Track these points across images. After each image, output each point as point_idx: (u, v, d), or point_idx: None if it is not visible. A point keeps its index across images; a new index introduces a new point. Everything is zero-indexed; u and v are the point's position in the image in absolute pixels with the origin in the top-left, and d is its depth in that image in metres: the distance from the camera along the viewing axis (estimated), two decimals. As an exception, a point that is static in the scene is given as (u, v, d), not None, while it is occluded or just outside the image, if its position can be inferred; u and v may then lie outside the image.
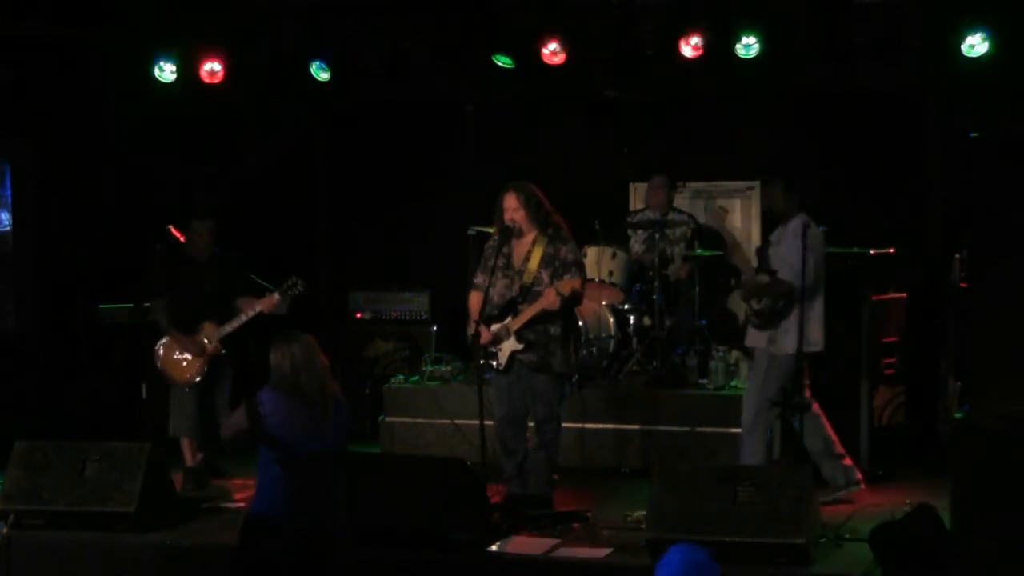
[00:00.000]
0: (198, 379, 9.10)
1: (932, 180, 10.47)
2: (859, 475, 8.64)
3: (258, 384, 6.76)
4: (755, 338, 8.57)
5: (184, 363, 9.13)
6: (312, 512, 6.48)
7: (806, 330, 8.38)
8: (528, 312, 8.11)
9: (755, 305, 8.50)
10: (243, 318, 9.08)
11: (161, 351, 9.17)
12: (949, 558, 6.69)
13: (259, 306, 9.08)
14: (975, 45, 9.30)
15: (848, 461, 8.63)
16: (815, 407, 8.57)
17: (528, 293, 8.17)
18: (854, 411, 9.23)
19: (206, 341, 9.09)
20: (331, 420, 6.53)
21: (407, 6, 10.23)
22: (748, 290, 8.66)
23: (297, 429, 6.48)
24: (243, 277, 9.34)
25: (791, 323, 8.35)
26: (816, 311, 8.45)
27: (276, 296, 9.07)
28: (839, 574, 7.04)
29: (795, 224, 8.43)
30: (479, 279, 8.36)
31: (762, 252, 8.74)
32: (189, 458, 9.24)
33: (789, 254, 8.37)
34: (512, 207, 8.20)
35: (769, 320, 8.41)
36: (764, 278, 8.50)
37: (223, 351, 9.13)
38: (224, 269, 9.26)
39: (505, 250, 8.27)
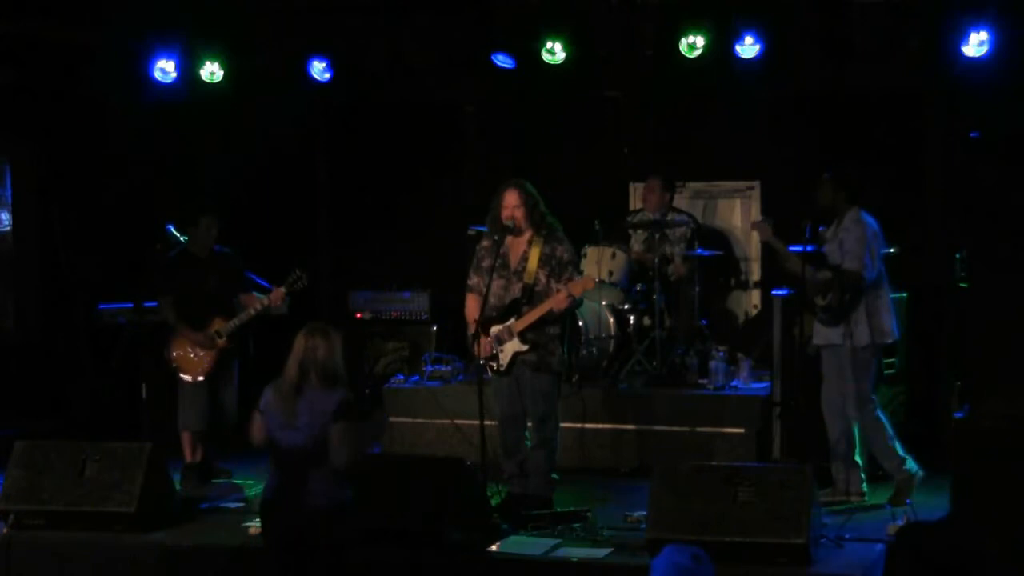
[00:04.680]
0: (209, 373, 9.16)
1: (932, 180, 10.46)
2: (864, 489, 8.62)
3: (259, 380, 6.83)
4: (827, 335, 8.49)
5: (195, 358, 9.19)
6: (290, 504, 6.50)
7: (877, 320, 8.40)
8: (535, 313, 8.10)
9: (821, 302, 8.45)
10: (251, 312, 9.21)
11: (172, 346, 9.22)
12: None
13: (266, 300, 9.19)
14: (975, 45, 9.29)
15: (861, 474, 8.62)
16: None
17: (532, 295, 8.17)
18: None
19: (216, 335, 9.16)
20: (304, 416, 6.50)
21: (407, 6, 10.23)
22: (812, 287, 8.58)
23: (275, 422, 6.54)
24: (244, 274, 9.39)
25: (861, 315, 8.35)
26: (884, 301, 8.48)
27: (282, 290, 9.23)
28: (839, 574, 7.04)
29: (849, 218, 8.43)
30: (473, 280, 8.36)
31: (816, 251, 8.63)
32: (189, 454, 9.28)
33: (850, 244, 8.35)
34: (512, 204, 8.20)
35: (839, 315, 8.36)
36: (826, 273, 8.44)
37: (230, 345, 9.22)
38: (226, 266, 9.33)
39: (501, 250, 8.27)
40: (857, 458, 8.57)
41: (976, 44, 9.29)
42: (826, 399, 8.55)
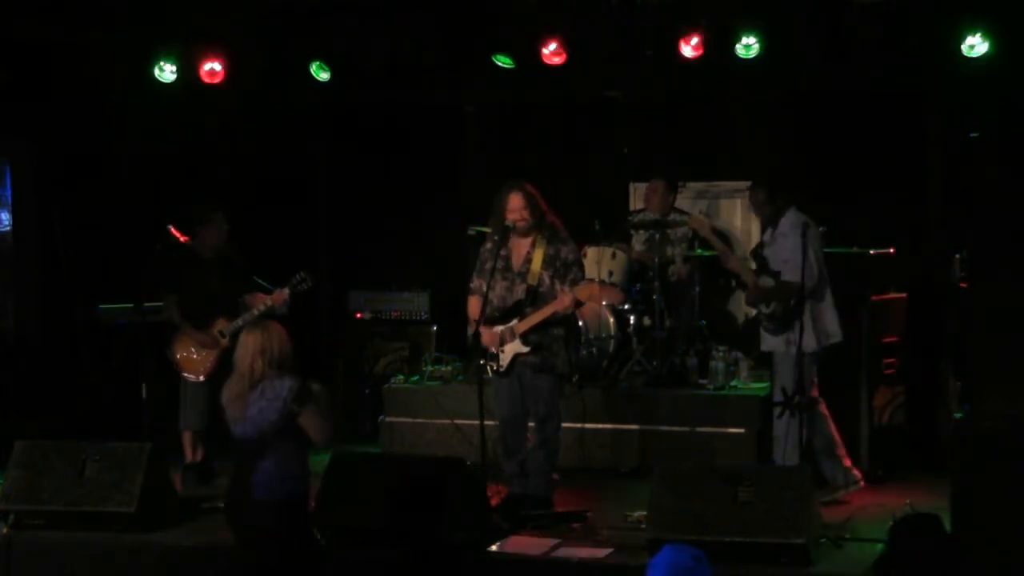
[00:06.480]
0: (211, 373, 9.16)
1: (932, 180, 10.46)
2: (858, 474, 8.65)
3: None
4: (772, 342, 8.55)
5: (198, 357, 9.20)
6: (244, 498, 6.57)
7: (822, 324, 8.41)
8: (538, 315, 8.09)
9: (765, 309, 8.49)
10: (255, 312, 9.20)
11: (175, 346, 9.22)
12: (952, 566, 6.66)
13: (270, 300, 9.20)
14: (975, 45, 9.28)
15: (848, 462, 8.64)
16: (822, 406, 8.59)
17: (535, 296, 8.16)
18: (854, 411, 9.23)
19: (219, 335, 9.16)
20: (254, 406, 6.56)
21: (407, 6, 10.23)
22: (754, 296, 8.63)
23: (230, 417, 6.66)
24: (248, 275, 9.40)
25: (806, 320, 8.37)
26: (827, 303, 8.51)
27: (286, 291, 9.23)
28: (839, 574, 7.04)
29: (785, 223, 8.46)
30: (476, 283, 8.35)
31: (758, 255, 8.73)
32: (189, 453, 9.30)
33: (787, 253, 8.37)
34: (519, 206, 8.17)
35: (783, 322, 8.40)
36: (768, 281, 8.48)
37: (233, 345, 9.22)
38: (230, 265, 9.34)
39: (503, 252, 8.26)
40: (838, 450, 8.58)
41: (976, 44, 9.29)
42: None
